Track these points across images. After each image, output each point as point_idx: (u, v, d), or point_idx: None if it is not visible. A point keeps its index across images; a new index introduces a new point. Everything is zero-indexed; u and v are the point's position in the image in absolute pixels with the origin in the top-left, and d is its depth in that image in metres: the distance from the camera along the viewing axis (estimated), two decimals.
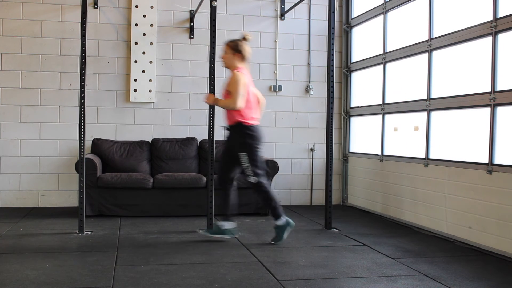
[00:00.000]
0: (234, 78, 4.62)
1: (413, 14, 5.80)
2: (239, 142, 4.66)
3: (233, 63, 4.75)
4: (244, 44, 4.77)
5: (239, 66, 4.74)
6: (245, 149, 4.62)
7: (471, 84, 4.85)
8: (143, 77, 6.72)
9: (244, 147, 4.63)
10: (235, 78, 4.61)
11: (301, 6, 7.03)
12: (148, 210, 5.98)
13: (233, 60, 4.74)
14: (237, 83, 4.57)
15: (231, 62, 4.75)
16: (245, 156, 4.61)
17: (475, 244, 4.65)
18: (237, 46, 4.74)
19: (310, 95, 7.18)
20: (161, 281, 3.49)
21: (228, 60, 4.77)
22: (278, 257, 4.18)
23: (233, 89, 4.58)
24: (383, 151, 6.29)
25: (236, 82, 4.58)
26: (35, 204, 6.55)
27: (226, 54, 4.77)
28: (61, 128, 6.60)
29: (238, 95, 4.54)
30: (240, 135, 4.65)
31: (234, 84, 4.59)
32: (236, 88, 4.56)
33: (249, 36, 4.82)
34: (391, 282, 3.57)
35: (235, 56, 4.73)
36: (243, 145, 4.64)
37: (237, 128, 4.66)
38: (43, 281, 3.43)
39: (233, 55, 4.74)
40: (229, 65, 4.79)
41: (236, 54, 4.73)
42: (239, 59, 4.74)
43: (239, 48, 4.73)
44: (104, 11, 6.68)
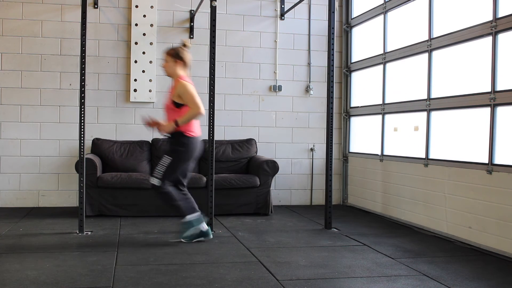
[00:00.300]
0: (183, 88, 4.51)
1: (413, 14, 5.80)
2: (173, 148, 4.59)
3: (175, 71, 4.67)
4: (185, 51, 4.71)
5: (182, 74, 4.66)
6: (173, 156, 4.55)
7: (471, 84, 4.85)
8: (143, 77, 6.72)
9: (174, 154, 4.56)
10: (184, 87, 4.51)
11: (301, 6, 7.03)
12: (148, 210, 5.97)
13: (175, 68, 4.66)
14: (188, 90, 4.49)
15: (173, 70, 4.67)
16: (168, 161, 4.54)
17: (475, 244, 4.64)
18: (178, 53, 4.67)
19: (310, 95, 7.18)
20: (161, 281, 3.49)
21: (169, 68, 4.69)
22: (278, 257, 4.18)
23: (187, 97, 4.49)
24: (383, 151, 6.29)
25: (186, 90, 4.49)
26: (35, 204, 6.56)
27: (167, 62, 4.69)
28: (61, 128, 6.60)
29: (196, 100, 4.47)
30: (178, 143, 4.56)
31: (186, 93, 4.49)
32: (191, 95, 4.48)
33: (188, 43, 4.76)
34: (391, 282, 3.57)
35: (177, 64, 4.66)
36: (174, 152, 4.56)
37: (178, 136, 4.57)
38: (43, 281, 3.43)
39: (175, 63, 4.66)
40: (171, 73, 4.70)
41: (177, 62, 4.66)
42: (181, 67, 4.68)
43: (180, 55, 4.67)
44: (104, 11, 6.68)
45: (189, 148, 4.60)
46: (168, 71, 4.73)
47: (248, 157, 6.70)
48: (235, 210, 6.14)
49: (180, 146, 4.57)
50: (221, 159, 6.54)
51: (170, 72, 4.73)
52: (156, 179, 4.54)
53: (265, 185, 6.20)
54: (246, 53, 7.05)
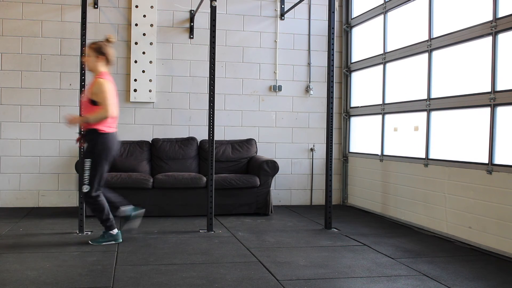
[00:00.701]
0: (99, 87, 4.43)
1: (413, 14, 5.80)
2: (89, 150, 4.50)
3: (96, 67, 4.56)
4: (108, 47, 4.61)
5: (103, 71, 4.57)
6: (91, 157, 4.47)
7: (471, 84, 4.85)
8: (143, 77, 6.72)
9: (92, 155, 4.48)
10: (101, 87, 4.42)
11: (301, 6, 7.03)
12: (148, 210, 5.95)
13: (97, 63, 4.55)
14: (104, 91, 4.41)
15: (94, 66, 4.56)
16: (89, 163, 4.47)
17: (475, 244, 4.64)
18: (100, 48, 4.56)
19: (310, 95, 7.18)
20: (161, 281, 3.49)
21: (91, 63, 4.57)
22: (278, 257, 4.18)
23: (101, 97, 4.40)
24: (383, 151, 6.29)
25: (102, 91, 4.41)
26: (35, 204, 6.55)
27: (89, 56, 4.57)
28: (61, 128, 6.59)
29: (109, 103, 4.39)
30: (94, 142, 4.48)
31: (101, 93, 4.41)
32: (105, 96, 4.40)
33: (112, 38, 4.66)
34: (391, 282, 3.57)
35: (99, 59, 4.55)
36: (91, 153, 4.48)
37: (92, 135, 4.48)
38: (43, 281, 3.43)
39: (97, 58, 4.54)
40: (92, 68, 4.58)
41: (99, 57, 4.55)
42: (103, 63, 4.58)
43: (103, 51, 4.56)
44: (104, 11, 6.68)
45: (105, 146, 4.48)
46: (89, 66, 4.59)
47: (248, 157, 6.70)
48: (235, 210, 6.14)
49: (96, 145, 4.46)
50: (221, 159, 6.54)
51: (91, 67, 4.58)
52: (85, 186, 4.46)
53: (265, 185, 6.20)
54: (246, 53, 7.05)
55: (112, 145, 4.55)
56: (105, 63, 4.60)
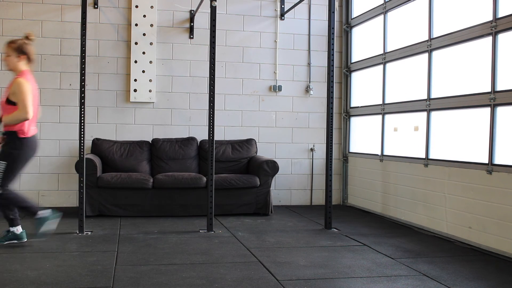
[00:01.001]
0: (18, 87, 4.28)
1: (413, 14, 5.80)
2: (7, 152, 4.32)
3: (18, 66, 4.42)
4: (28, 45, 4.49)
5: (25, 70, 4.44)
6: (7, 159, 4.29)
7: (471, 84, 4.85)
8: (143, 77, 6.72)
9: (8, 158, 4.30)
10: (19, 87, 4.28)
11: (301, 6, 7.03)
12: (148, 210, 5.97)
13: (18, 63, 4.41)
14: (23, 91, 4.26)
15: (15, 65, 4.42)
16: (3, 166, 4.28)
17: (475, 244, 4.64)
18: (20, 47, 4.42)
19: (310, 95, 7.18)
20: (161, 281, 3.49)
21: (11, 63, 4.42)
22: (278, 257, 4.18)
23: (19, 98, 4.26)
24: (383, 151, 6.29)
25: (21, 91, 4.26)
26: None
27: (9, 56, 4.42)
28: (61, 128, 6.59)
29: (27, 104, 4.24)
30: (12, 146, 4.31)
31: (19, 93, 4.26)
32: (23, 97, 4.25)
33: (32, 36, 4.54)
34: (391, 282, 3.57)
35: (20, 59, 4.42)
36: (8, 155, 4.30)
37: (11, 137, 4.32)
38: (43, 281, 3.43)
39: (18, 57, 4.41)
40: (12, 68, 4.44)
41: (21, 56, 4.42)
42: (24, 62, 4.45)
43: (23, 50, 4.43)
44: (104, 11, 6.68)
45: (25, 150, 4.35)
46: (9, 65, 4.45)
47: (248, 157, 6.70)
48: (235, 210, 6.14)
49: (15, 149, 4.31)
50: (221, 159, 6.53)
51: (11, 67, 4.45)
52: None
53: (265, 185, 6.20)
54: (246, 53, 7.04)
55: (31, 149, 4.42)
56: (26, 62, 4.48)
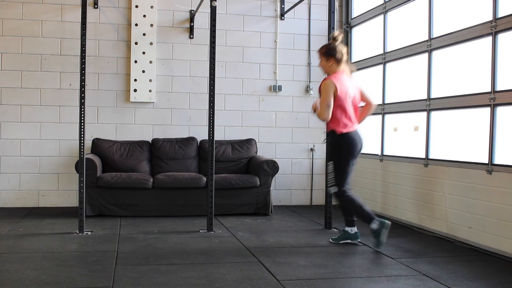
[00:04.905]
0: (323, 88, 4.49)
1: (413, 14, 5.80)
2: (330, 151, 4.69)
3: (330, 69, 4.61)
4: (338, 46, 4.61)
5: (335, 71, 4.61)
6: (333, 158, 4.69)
7: (471, 84, 4.85)
8: (143, 77, 6.72)
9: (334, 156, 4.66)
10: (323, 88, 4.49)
11: (301, 6, 7.03)
12: (148, 210, 5.97)
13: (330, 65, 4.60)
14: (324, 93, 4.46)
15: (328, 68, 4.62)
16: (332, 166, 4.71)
17: (475, 244, 4.64)
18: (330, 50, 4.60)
19: (310, 95, 7.18)
20: (161, 281, 3.49)
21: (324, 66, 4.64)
22: (278, 257, 4.18)
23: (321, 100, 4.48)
24: (383, 151, 6.29)
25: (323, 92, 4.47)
26: (35, 204, 6.55)
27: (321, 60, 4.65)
28: (61, 128, 6.60)
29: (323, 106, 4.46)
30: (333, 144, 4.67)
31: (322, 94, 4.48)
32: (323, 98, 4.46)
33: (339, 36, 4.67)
34: (391, 282, 3.57)
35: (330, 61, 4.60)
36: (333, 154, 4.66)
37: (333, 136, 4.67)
38: (43, 281, 3.43)
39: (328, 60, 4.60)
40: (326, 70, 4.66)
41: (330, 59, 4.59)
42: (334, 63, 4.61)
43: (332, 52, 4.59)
44: (104, 11, 6.68)
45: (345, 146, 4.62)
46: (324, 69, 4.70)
47: (248, 157, 6.69)
48: (235, 210, 6.14)
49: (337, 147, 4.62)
50: (221, 159, 6.53)
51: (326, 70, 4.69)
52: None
53: (265, 185, 6.20)
54: (246, 53, 7.04)
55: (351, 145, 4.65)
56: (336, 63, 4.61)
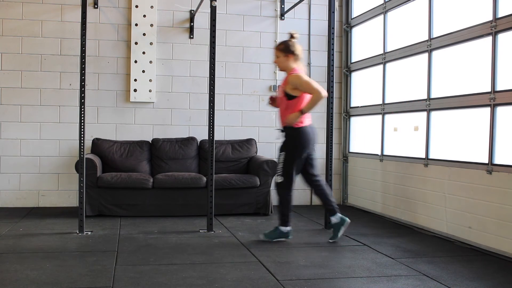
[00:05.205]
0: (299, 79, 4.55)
1: (413, 14, 5.80)
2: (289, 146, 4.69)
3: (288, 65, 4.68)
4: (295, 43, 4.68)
5: (295, 67, 4.67)
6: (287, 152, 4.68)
7: (471, 84, 4.85)
8: (143, 77, 6.72)
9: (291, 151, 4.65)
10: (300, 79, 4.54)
11: (301, 6, 7.03)
12: (148, 210, 5.97)
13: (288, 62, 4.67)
14: (305, 80, 4.53)
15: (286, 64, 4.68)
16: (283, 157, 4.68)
17: (475, 244, 4.64)
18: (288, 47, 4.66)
19: None
20: (161, 281, 3.49)
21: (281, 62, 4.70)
22: (278, 257, 4.18)
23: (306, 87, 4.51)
24: (383, 151, 6.29)
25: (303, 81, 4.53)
26: (35, 204, 6.55)
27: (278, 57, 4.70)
28: (61, 128, 6.60)
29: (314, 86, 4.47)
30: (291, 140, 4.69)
31: (303, 83, 4.53)
32: (307, 83, 4.52)
33: (296, 34, 4.75)
34: (391, 282, 3.57)
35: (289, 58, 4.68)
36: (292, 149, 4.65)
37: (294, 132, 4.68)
38: (43, 281, 3.43)
39: (286, 57, 4.68)
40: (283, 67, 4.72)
41: (289, 56, 4.67)
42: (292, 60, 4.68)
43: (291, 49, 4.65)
44: (104, 11, 6.68)
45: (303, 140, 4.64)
46: (280, 66, 4.75)
47: (248, 157, 6.69)
48: (235, 210, 6.14)
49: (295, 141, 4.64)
50: (221, 159, 6.53)
51: (282, 67, 4.75)
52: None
53: (265, 185, 6.20)
54: (246, 53, 7.05)
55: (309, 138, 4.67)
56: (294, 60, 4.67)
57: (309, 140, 4.66)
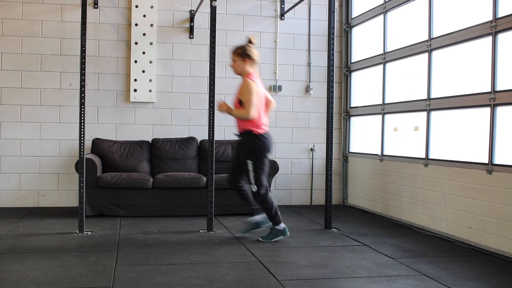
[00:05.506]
0: (246, 87, 4.58)
1: (413, 14, 5.80)
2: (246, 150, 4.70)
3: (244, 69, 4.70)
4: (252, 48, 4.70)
5: (251, 72, 4.70)
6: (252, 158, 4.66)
7: (471, 84, 4.85)
8: (143, 77, 6.72)
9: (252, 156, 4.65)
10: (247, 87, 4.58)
11: (301, 6, 7.03)
12: (148, 210, 5.97)
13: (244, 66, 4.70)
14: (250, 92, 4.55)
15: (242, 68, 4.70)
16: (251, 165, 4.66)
17: (475, 244, 4.64)
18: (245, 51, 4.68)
19: (310, 95, 7.18)
20: (161, 281, 3.49)
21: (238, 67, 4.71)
22: (278, 257, 4.18)
23: (246, 99, 4.56)
24: (383, 151, 6.29)
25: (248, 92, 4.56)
26: (35, 204, 6.55)
27: (235, 61, 4.72)
28: (61, 128, 6.60)
29: (251, 105, 4.54)
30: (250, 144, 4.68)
31: (247, 94, 4.57)
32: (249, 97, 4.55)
33: (254, 39, 4.77)
34: (391, 282, 3.57)
35: (246, 62, 4.69)
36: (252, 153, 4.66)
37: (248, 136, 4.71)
38: (43, 281, 3.43)
39: (243, 61, 4.69)
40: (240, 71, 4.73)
41: (246, 60, 4.68)
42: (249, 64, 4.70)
43: (248, 53, 4.67)
44: (104, 11, 6.68)
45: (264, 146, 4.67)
46: (237, 70, 4.76)
47: None
48: (235, 210, 6.13)
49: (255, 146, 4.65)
50: (221, 159, 6.53)
51: (238, 71, 4.75)
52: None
53: None
54: None
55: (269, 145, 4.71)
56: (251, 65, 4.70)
57: (270, 145, 4.73)
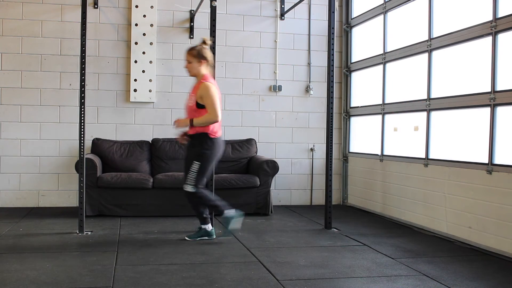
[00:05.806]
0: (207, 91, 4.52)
1: (413, 14, 5.80)
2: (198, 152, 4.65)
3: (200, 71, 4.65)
4: (207, 49, 4.68)
5: (206, 74, 4.66)
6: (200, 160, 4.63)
7: (471, 84, 4.85)
8: (143, 77, 6.72)
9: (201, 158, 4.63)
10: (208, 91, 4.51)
11: (301, 6, 7.03)
12: (148, 210, 5.97)
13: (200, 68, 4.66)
14: (212, 96, 4.50)
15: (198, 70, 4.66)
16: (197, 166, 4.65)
17: (475, 244, 4.65)
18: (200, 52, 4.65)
19: (310, 95, 7.18)
20: (161, 281, 3.49)
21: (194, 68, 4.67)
22: (278, 257, 4.18)
23: (209, 102, 4.50)
24: (383, 151, 6.29)
25: (210, 95, 4.50)
26: (35, 204, 6.55)
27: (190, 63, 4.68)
28: (61, 128, 6.60)
29: (216, 108, 4.50)
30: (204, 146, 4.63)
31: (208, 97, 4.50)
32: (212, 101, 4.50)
33: (209, 41, 4.80)
34: (391, 282, 3.57)
35: (202, 64, 4.66)
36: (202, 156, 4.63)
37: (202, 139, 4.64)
38: (43, 281, 3.43)
39: (199, 63, 4.66)
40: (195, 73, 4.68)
41: (202, 61, 4.65)
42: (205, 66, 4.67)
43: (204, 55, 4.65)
44: (104, 11, 6.68)
45: (216, 150, 4.66)
46: (192, 71, 4.72)
47: (248, 157, 6.69)
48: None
49: (207, 149, 4.62)
50: (221, 159, 6.51)
51: (194, 73, 4.72)
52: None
53: (265, 185, 6.20)
54: (246, 53, 7.04)
55: (219, 149, 4.71)
56: (206, 66, 4.69)
57: (222, 150, 4.75)
